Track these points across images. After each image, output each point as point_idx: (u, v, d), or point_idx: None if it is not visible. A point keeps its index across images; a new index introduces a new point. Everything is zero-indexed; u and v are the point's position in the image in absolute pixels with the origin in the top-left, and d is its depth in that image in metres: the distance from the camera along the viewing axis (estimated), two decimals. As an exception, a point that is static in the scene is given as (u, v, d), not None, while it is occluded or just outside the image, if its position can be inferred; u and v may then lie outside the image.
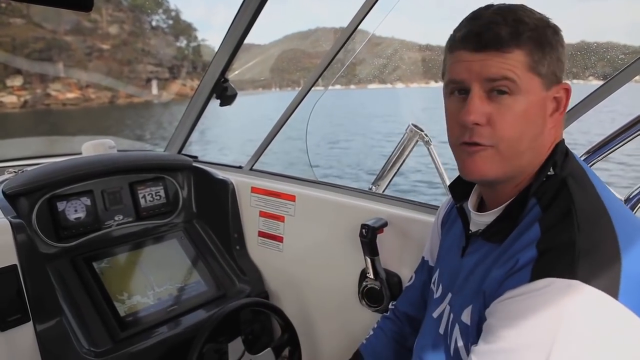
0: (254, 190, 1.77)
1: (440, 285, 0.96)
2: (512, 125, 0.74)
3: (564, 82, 0.77)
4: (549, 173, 0.76)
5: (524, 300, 0.64)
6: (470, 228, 0.88)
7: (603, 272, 0.61)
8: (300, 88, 1.70)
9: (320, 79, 1.66)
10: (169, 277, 1.55)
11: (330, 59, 1.57)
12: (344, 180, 10.09)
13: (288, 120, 1.74)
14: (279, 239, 1.72)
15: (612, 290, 0.60)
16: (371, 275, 1.42)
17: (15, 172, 1.53)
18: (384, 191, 1.68)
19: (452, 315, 0.85)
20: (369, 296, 1.45)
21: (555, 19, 0.77)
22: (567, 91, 0.78)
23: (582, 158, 1.10)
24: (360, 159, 13.98)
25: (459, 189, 0.93)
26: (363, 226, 1.37)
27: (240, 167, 1.92)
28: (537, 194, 0.75)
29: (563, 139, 0.81)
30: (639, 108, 1.07)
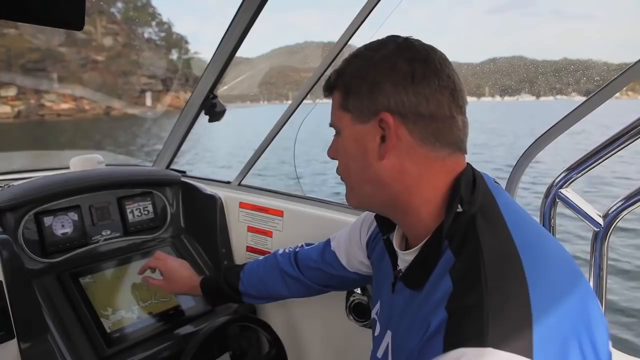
0: (242, 205, 1.77)
1: (378, 323, 0.93)
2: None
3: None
4: (458, 210, 0.72)
5: None
6: (398, 263, 0.86)
7: (515, 332, 0.57)
8: (287, 101, 1.71)
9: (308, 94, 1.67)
10: (155, 293, 1.54)
11: (320, 74, 1.59)
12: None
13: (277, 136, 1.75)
14: (267, 254, 1.71)
15: (527, 350, 0.55)
16: (358, 290, 1.43)
17: (1, 187, 1.53)
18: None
19: (395, 355, 0.83)
20: (356, 311, 1.45)
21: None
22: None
23: (562, 175, 1.12)
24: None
25: (385, 220, 0.89)
26: (350, 241, 1.37)
27: (228, 182, 1.92)
28: (448, 234, 0.71)
29: (467, 168, 0.77)
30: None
